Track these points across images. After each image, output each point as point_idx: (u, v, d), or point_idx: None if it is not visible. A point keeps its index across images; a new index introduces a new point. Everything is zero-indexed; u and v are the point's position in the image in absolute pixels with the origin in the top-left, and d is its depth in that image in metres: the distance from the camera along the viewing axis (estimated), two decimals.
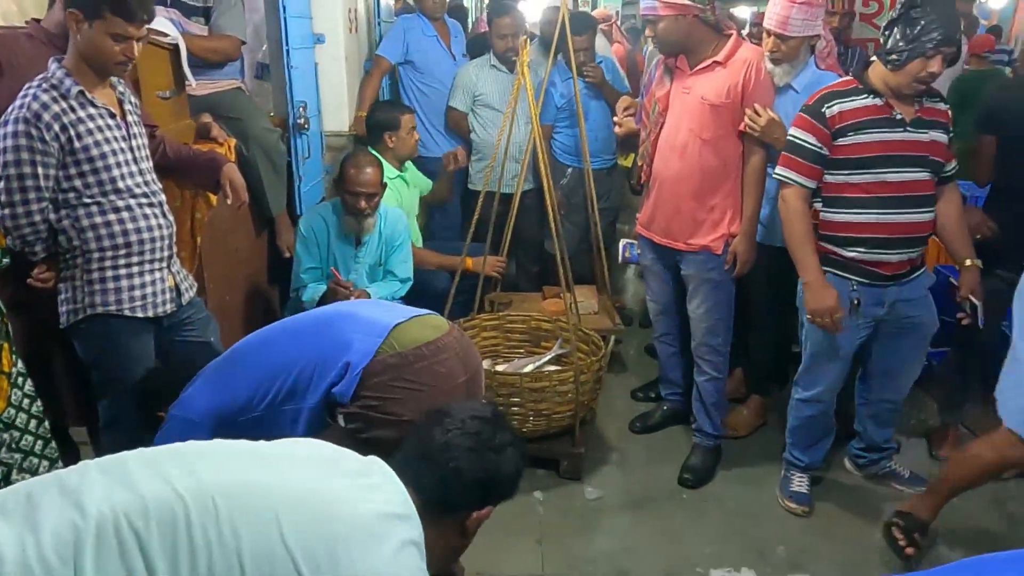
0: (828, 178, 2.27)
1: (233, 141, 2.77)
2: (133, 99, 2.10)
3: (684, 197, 2.57)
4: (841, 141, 2.22)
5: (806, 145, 2.25)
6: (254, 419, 1.73)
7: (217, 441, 1.24)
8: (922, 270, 2.39)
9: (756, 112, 2.40)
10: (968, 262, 2.35)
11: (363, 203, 2.75)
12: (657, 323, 2.96)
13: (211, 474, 1.11)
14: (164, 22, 2.64)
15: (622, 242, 3.31)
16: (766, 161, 2.48)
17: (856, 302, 2.31)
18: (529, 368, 2.92)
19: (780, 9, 2.47)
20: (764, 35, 2.58)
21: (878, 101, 2.20)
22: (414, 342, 1.76)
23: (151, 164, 2.08)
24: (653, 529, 2.51)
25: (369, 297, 2.76)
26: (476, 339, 3.13)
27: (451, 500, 1.30)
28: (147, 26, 1.92)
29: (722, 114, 2.45)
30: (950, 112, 2.28)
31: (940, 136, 2.25)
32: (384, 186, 2.84)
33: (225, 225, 2.76)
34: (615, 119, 2.96)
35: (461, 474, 1.29)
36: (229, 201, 2.29)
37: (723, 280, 2.60)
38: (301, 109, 3.08)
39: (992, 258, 2.51)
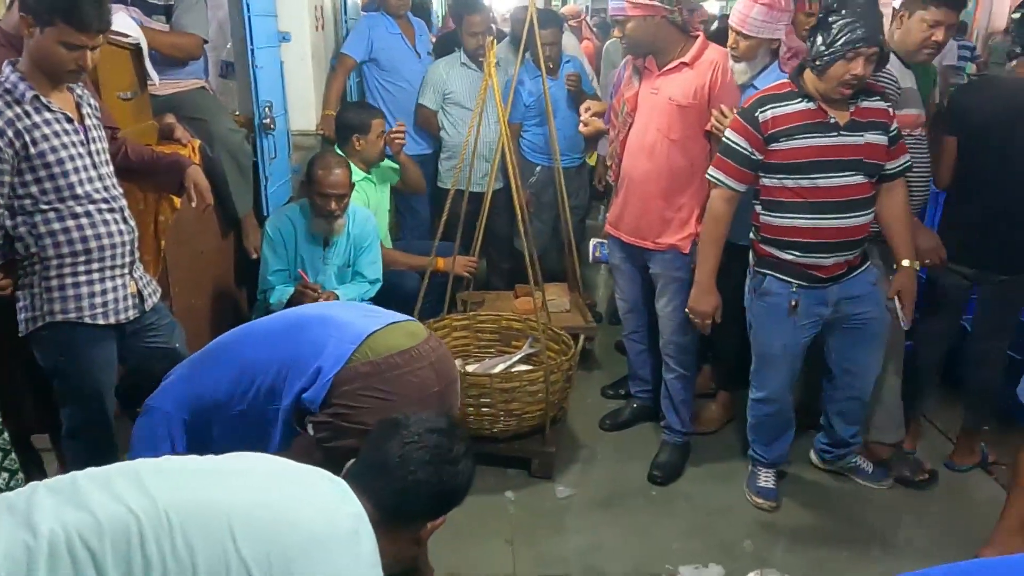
0: (764, 181, 2.30)
1: (197, 142, 2.73)
2: (93, 101, 2.05)
3: (652, 196, 2.59)
4: (774, 146, 2.23)
5: (738, 149, 2.27)
6: (239, 414, 1.74)
7: (169, 458, 1.24)
8: (865, 266, 2.39)
9: (722, 113, 2.42)
10: (905, 263, 2.35)
11: (333, 204, 2.73)
12: (626, 321, 2.99)
13: (164, 491, 1.11)
14: (126, 20, 2.60)
15: (592, 241, 3.33)
16: None
17: (794, 304, 2.34)
18: (499, 368, 2.93)
19: (742, 7, 2.48)
20: (729, 31, 2.60)
21: (811, 105, 2.20)
22: (388, 350, 1.75)
23: (111, 168, 2.04)
24: (623, 527, 2.53)
25: (337, 299, 2.74)
26: (447, 339, 3.12)
27: (408, 512, 1.32)
28: (101, 36, 1.87)
29: (689, 115, 2.48)
30: (891, 110, 2.27)
31: (877, 137, 2.24)
32: (352, 186, 2.83)
33: (190, 228, 2.72)
34: (581, 119, 2.97)
35: (419, 487, 1.31)
36: (194, 204, 2.26)
37: (690, 279, 2.62)
38: (267, 109, 3.04)
39: (952, 255, 2.57)
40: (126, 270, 2.04)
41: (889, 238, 2.36)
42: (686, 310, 2.46)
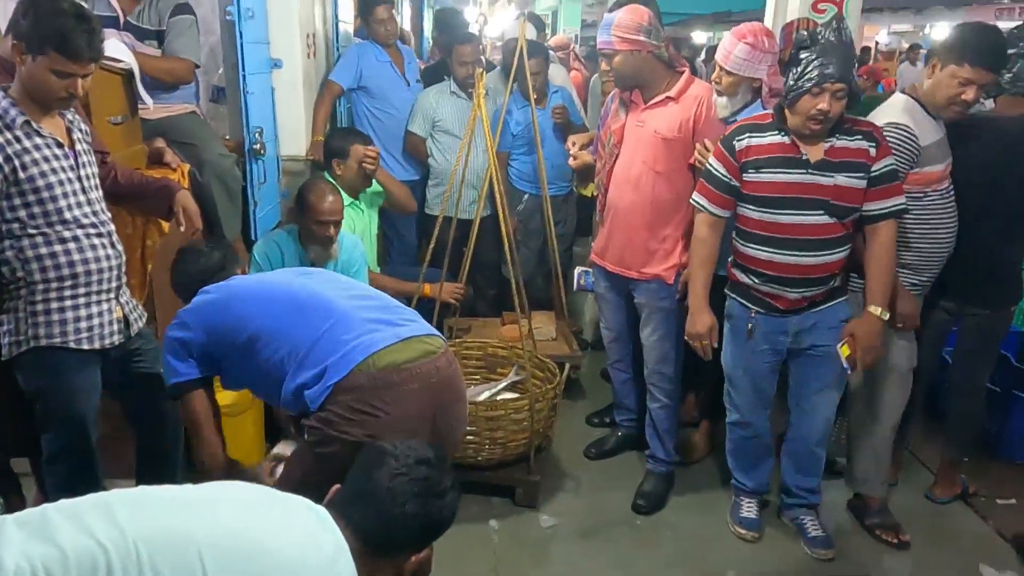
0: (739, 209, 2.34)
1: (187, 167, 2.74)
2: (84, 127, 2.06)
3: (637, 227, 2.62)
4: (746, 176, 2.28)
5: (717, 174, 2.32)
6: (252, 364, 1.82)
7: (139, 488, 1.23)
8: (835, 301, 2.35)
9: (705, 147, 2.46)
10: (871, 309, 2.26)
11: (332, 230, 2.74)
12: (611, 350, 3.00)
13: (134, 522, 1.10)
14: (118, 46, 2.62)
15: (577, 270, 3.35)
16: None
17: (751, 328, 2.38)
18: (484, 396, 2.93)
19: (727, 44, 2.52)
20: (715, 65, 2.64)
21: (786, 140, 2.22)
22: (388, 364, 1.75)
23: (100, 193, 2.04)
24: (607, 557, 2.53)
25: None
26: None
27: (393, 543, 1.30)
28: (92, 64, 1.88)
29: (674, 148, 2.52)
30: (872, 150, 2.19)
31: (849, 180, 2.19)
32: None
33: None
34: (571, 152, 3.01)
35: (407, 520, 1.30)
36: (182, 229, 2.27)
37: (674, 309, 2.66)
38: (257, 134, 3.06)
39: (935, 290, 2.58)
40: (112, 295, 2.04)
41: (865, 280, 2.31)
42: (685, 337, 2.48)
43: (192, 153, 2.82)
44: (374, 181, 3.27)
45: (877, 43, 16.56)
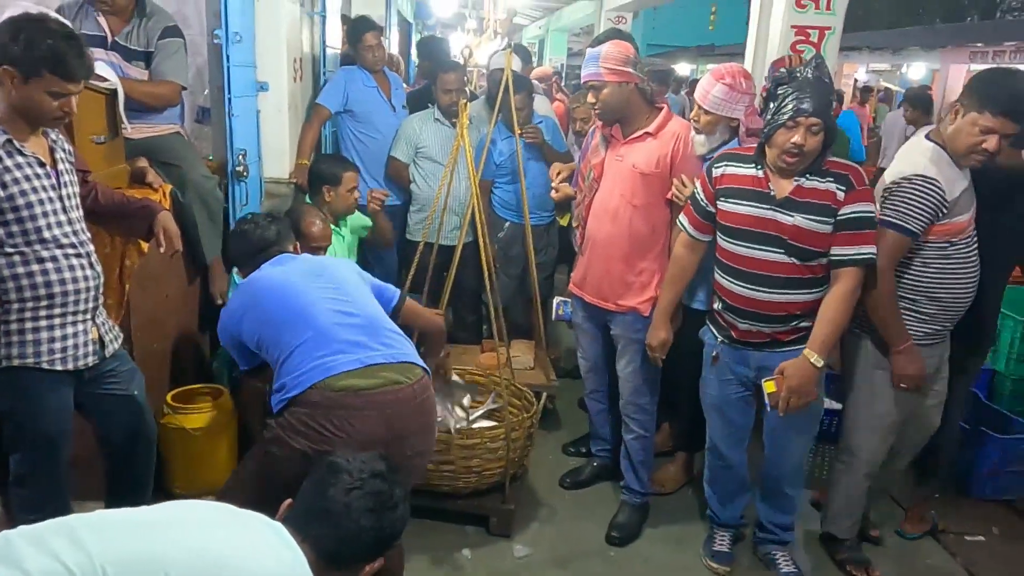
0: (716, 236, 2.41)
1: (168, 187, 2.74)
2: (67, 147, 2.06)
3: (615, 259, 2.65)
4: (719, 204, 2.34)
5: (697, 198, 2.40)
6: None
7: (101, 512, 1.23)
8: (804, 344, 2.25)
9: (683, 183, 2.51)
10: (806, 352, 2.20)
11: (322, 256, 2.75)
12: (587, 380, 3.02)
13: (99, 545, 1.11)
14: (103, 66, 2.63)
15: (556, 300, 3.37)
16: None
17: (715, 355, 2.46)
18: (461, 424, 2.93)
19: (706, 83, 2.59)
20: (693, 106, 2.71)
21: (759, 173, 2.25)
22: (346, 387, 1.82)
23: (81, 213, 2.04)
24: None
25: None
26: None
27: (348, 556, 1.34)
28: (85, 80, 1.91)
29: (652, 182, 2.56)
30: (840, 194, 2.15)
31: (811, 222, 2.17)
32: None
33: (155, 271, 2.71)
34: (552, 185, 3.04)
35: (362, 534, 1.34)
36: (163, 250, 2.26)
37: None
38: (241, 156, 3.07)
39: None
40: (88, 316, 2.02)
41: (815, 322, 2.23)
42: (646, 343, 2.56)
43: (175, 173, 2.83)
44: (359, 212, 3.30)
45: (856, 80, 16.93)
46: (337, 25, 4.61)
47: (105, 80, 2.55)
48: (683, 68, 16.48)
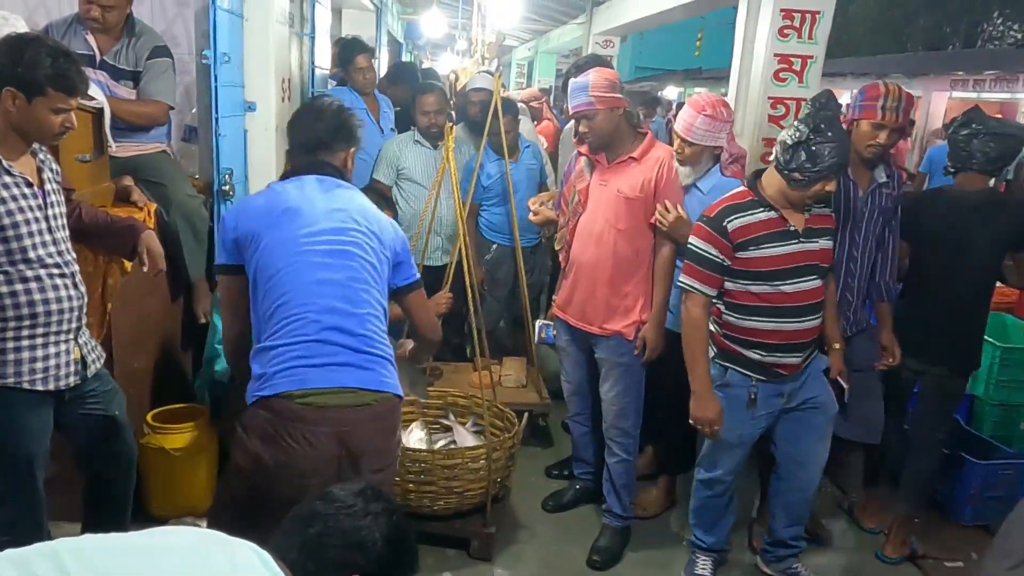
0: (728, 285, 2.38)
1: (153, 206, 2.74)
2: (55, 166, 2.06)
3: (599, 283, 2.67)
4: (742, 254, 2.33)
5: (708, 256, 2.33)
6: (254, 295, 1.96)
7: (84, 537, 1.22)
8: (816, 353, 2.51)
9: (666, 208, 2.53)
10: (836, 345, 2.56)
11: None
12: (571, 403, 3.03)
13: (82, 571, 1.10)
14: (93, 85, 2.64)
15: (538, 323, 3.39)
16: (675, 253, 2.61)
17: (753, 397, 2.42)
18: (440, 444, 2.93)
19: (687, 116, 2.64)
20: (674, 136, 2.74)
21: (772, 214, 2.32)
22: (308, 403, 1.83)
23: (67, 233, 2.04)
24: None
25: None
26: None
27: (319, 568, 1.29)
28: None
29: (635, 207, 2.58)
30: (832, 217, 2.47)
31: (827, 243, 2.41)
32: None
33: (138, 290, 2.70)
34: (531, 208, 3.07)
35: (323, 538, 1.29)
36: (145, 269, 2.26)
37: (634, 364, 2.69)
38: (227, 176, 3.08)
39: (903, 349, 2.75)
40: (71, 336, 2.01)
41: (826, 323, 2.51)
42: (691, 420, 2.43)
43: (160, 192, 2.83)
44: None
45: (841, 106, 17.14)
46: (326, 46, 4.64)
47: (92, 99, 2.55)
48: (671, 91, 16.68)
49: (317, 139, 2.06)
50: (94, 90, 2.61)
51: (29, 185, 1.92)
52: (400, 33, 11.35)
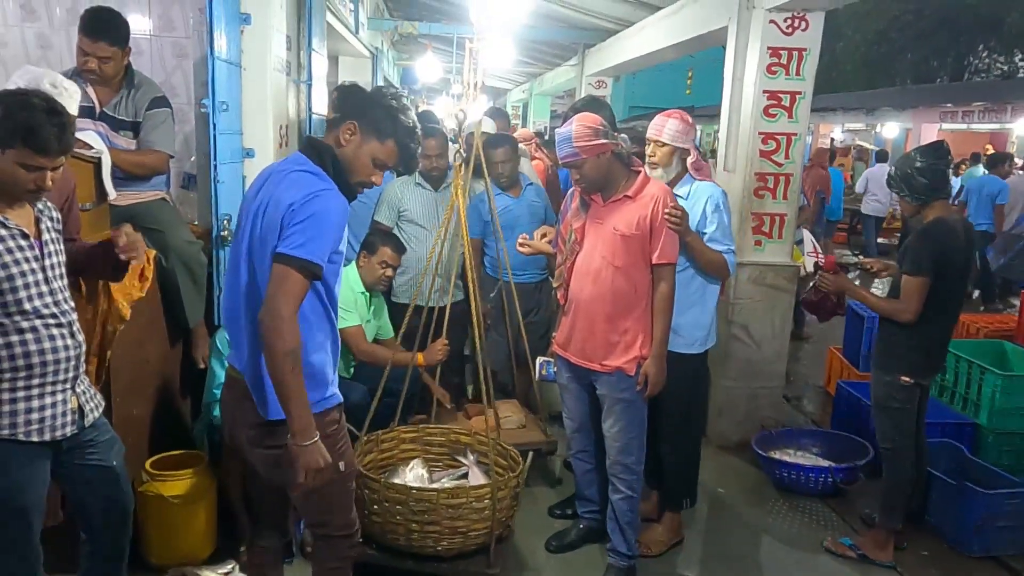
0: None
1: (153, 252, 2.76)
2: (55, 214, 2.05)
3: (598, 320, 2.68)
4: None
5: None
6: None
7: None
8: None
9: (674, 211, 2.61)
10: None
11: None
12: (573, 440, 3.01)
13: None
14: (90, 134, 2.68)
15: (539, 360, 3.38)
16: (674, 289, 2.64)
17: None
18: (442, 482, 2.91)
19: (658, 121, 2.90)
20: (647, 144, 2.95)
21: None
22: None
23: (65, 282, 2.03)
24: None
25: None
26: (395, 451, 3.12)
27: None
28: (62, 157, 1.90)
29: (632, 244, 2.61)
30: None
31: None
32: None
33: (138, 336, 2.71)
34: (519, 241, 3.11)
35: None
36: (119, 250, 2.10)
37: (635, 400, 2.68)
38: (225, 221, 3.10)
39: (919, 371, 2.91)
40: (68, 385, 2.00)
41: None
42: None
43: (159, 239, 2.85)
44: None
45: (833, 140, 17.37)
46: (323, 92, 4.71)
47: (91, 148, 2.59)
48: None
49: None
50: (94, 139, 2.67)
51: (25, 237, 1.92)
52: (396, 78, 11.53)
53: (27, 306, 1.90)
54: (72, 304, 2.04)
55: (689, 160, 2.91)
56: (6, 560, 1.98)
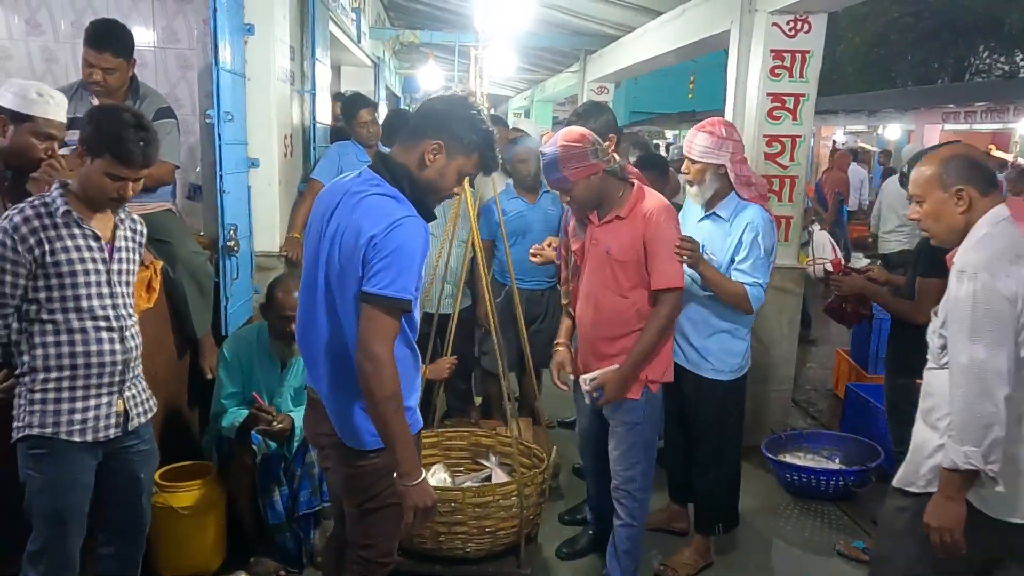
0: None
1: (160, 263, 2.75)
2: (139, 227, 2.19)
3: (601, 344, 2.56)
4: None
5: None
6: None
7: None
8: None
9: (684, 243, 2.46)
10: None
11: (292, 327, 2.74)
12: (582, 454, 2.94)
13: None
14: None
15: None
16: (677, 311, 2.52)
17: None
18: (468, 483, 2.90)
19: (689, 135, 2.70)
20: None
21: None
22: None
23: (130, 290, 2.13)
24: None
25: (292, 422, 2.71)
26: None
27: None
28: (144, 169, 2.05)
29: (629, 269, 2.48)
30: None
31: None
32: None
33: (145, 347, 2.69)
34: (532, 251, 3.05)
35: None
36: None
37: (640, 424, 2.56)
38: (232, 232, 3.10)
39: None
40: (115, 389, 2.07)
41: None
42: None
43: (165, 250, 2.85)
44: None
45: (835, 142, 17.35)
46: (326, 101, 4.72)
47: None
48: (666, 134, 16.94)
49: None
50: None
51: (97, 239, 2.04)
52: (398, 87, 11.56)
53: (84, 303, 2.00)
54: (130, 311, 2.13)
55: (731, 173, 2.66)
56: (49, 566, 2.01)
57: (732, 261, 2.66)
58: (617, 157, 2.59)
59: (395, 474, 1.80)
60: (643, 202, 2.50)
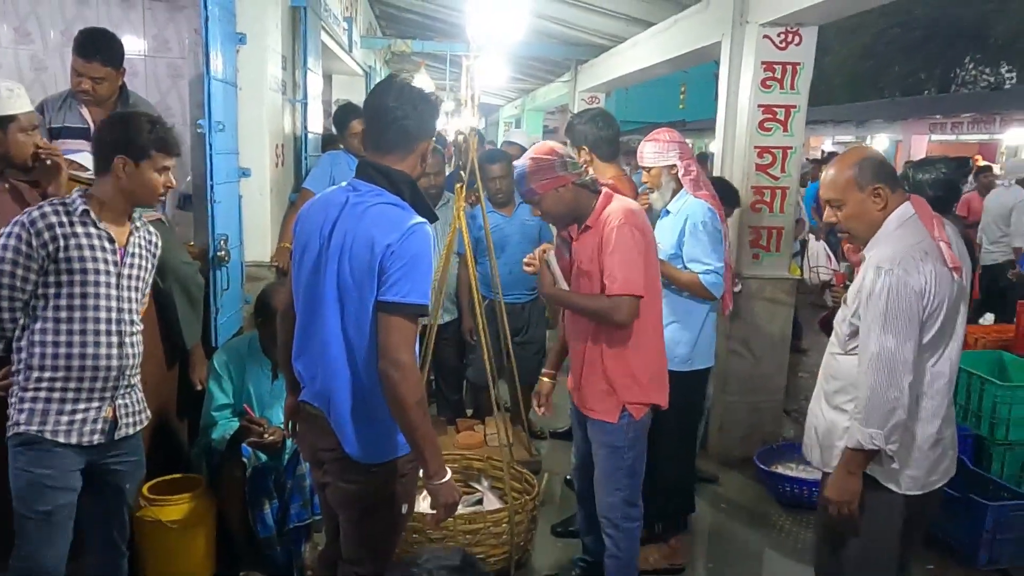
0: None
1: None
2: (154, 238, 2.23)
3: (584, 363, 2.52)
4: None
5: None
6: None
7: None
8: None
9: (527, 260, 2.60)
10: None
11: None
12: (576, 479, 2.86)
13: None
14: (87, 156, 2.66)
15: None
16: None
17: None
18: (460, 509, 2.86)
19: (639, 148, 2.98)
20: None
21: None
22: None
23: (138, 296, 2.15)
24: None
25: (283, 434, 2.68)
26: None
27: None
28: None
29: (592, 278, 2.42)
30: None
31: None
32: None
33: None
34: (524, 261, 3.05)
35: None
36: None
37: (620, 449, 2.48)
38: (222, 242, 3.08)
39: None
40: (107, 395, 2.06)
41: None
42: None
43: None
44: None
45: (823, 151, 17.48)
46: (318, 110, 4.71)
47: (87, 169, 2.57)
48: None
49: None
50: (89, 160, 2.64)
51: (111, 240, 2.06)
52: None
53: (90, 302, 2.01)
54: (135, 318, 2.13)
55: (686, 175, 2.89)
56: (21, 569, 1.99)
57: (680, 252, 2.85)
58: (592, 172, 2.58)
59: (422, 473, 1.89)
60: (606, 208, 2.44)
